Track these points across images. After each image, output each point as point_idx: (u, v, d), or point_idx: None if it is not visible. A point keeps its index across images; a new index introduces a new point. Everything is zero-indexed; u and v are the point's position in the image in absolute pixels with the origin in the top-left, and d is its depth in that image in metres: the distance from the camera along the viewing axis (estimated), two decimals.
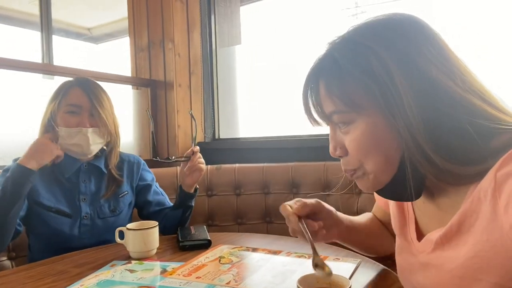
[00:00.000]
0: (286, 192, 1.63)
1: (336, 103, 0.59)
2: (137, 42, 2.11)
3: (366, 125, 0.58)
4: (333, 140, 0.64)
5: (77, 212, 1.19)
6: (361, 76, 0.57)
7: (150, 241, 1.01)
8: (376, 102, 0.56)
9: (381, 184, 0.62)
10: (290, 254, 0.98)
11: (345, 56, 0.59)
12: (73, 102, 1.19)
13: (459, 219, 0.54)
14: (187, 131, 2.06)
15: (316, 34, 1.90)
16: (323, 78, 0.61)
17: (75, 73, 1.74)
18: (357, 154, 0.60)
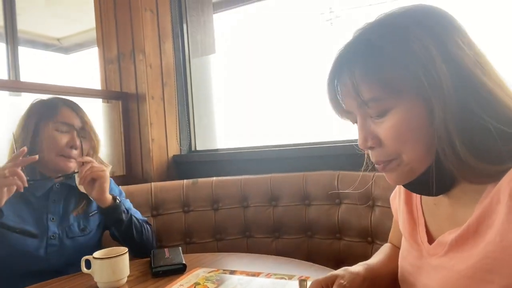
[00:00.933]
0: (265, 205, 1.58)
1: (374, 89, 0.56)
2: (106, 54, 2.04)
3: (405, 112, 0.56)
4: (363, 130, 0.60)
5: (44, 231, 1.14)
6: (404, 58, 0.54)
7: (119, 270, 0.94)
8: (418, 87, 0.54)
9: (414, 174, 0.59)
10: (270, 275, 0.93)
11: (385, 39, 0.56)
12: (65, 121, 1.19)
13: (478, 220, 0.52)
14: (162, 144, 1.99)
15: (291, 40, 1.88)
16: (357, 63, 0.58)
17: (44, 88, 1.66)
18: (395, 142, 0.57)
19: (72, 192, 1.23)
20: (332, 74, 0.61)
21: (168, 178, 1.98)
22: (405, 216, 0.71)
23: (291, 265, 1.03)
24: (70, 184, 1.23)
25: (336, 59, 0.61)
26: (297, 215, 1.53)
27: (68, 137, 1.18)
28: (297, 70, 1.85)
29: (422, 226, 0.66)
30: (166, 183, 1.68)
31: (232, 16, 2.34)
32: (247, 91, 2.03)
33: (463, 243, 0.55)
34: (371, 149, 0.61)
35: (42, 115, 1.19)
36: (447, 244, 0.58)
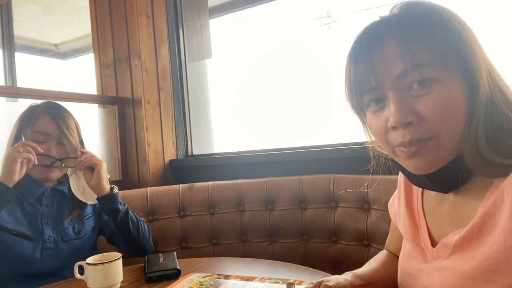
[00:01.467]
0: (261, 209, 1.58)
1: (428, 53, 0.53)
2: (102, 59, 2.04)
3: (451, 87, 0.53)
4: (401, 104, 0.55)
5: (39, 235, 1.15)
6: (450, 34, 0.53)
7: (112, 276, 0.94)
8: (465, 65, 0.53)
9: (445, 160, 0.56)
10: (264, 280, 0.93)
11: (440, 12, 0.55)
12: (41, 130, 1.18)
13: (481, 220, 0.52)
14: (158, 149, 1.99)
15: (288, 45, 1.88)
16: (412, 27, 0.55)
17: (40, 94, 1.66)
18: (439, 118, 0.53)
19: (64, 197, 1.23)
20: (372, 40, 0.57)
21: (164, 182, 1.97)
22: (406, 219, 0.70)
23: (286, 269, 1.03)
24: (61, 190, 1.24)
25: (376, 26, 0.58)
26: (294, 218, 1.52)
27: (44, 147, 1.16)
28: (293, 75, 1.85)
29: (424, 229, 0.66)
30: (162, 188, 1.68)
31: (228, 21, 2.34)
32: (243, 95, 2.04)
33: (467, 244, 0.54)
34: (407, 126, 0.55)
35: (23, 124, 1.19)
36: (451, 245, 0.57)
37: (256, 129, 1.98)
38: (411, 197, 0.72)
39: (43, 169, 1.16)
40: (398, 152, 0.59)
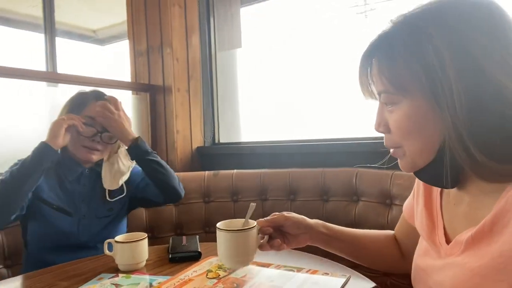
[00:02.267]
0: (283, 199, 1.61)
1: (385, 83, 0.61)
2: (136, 47, 2.11)
3: (409, 108, 0.60)
4: (378, 116, 0.67)
5: (76, 211, 1.25)
6: (411, 60, 0.57)
7: (139, 254, 1.00)
8: (423, 88, 0.57)
9: (417, 166, 0.64)
10: (280, 267, 0.96)
11: (401, 38, 0.59)
12: (90, 114, 1.26)
13: (493, 219, 0.53)
14: (186, 136, 2.06)
15: (321, 34, 1.86)
16: (376, 57, 0.63)
17: (78, 80, 1.75)
18: (397, 134, 0.63)
19: (99, 177, 1.31)
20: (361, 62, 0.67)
21: (191, 168, 2.04)
22: (424, 218, 0.72)
23: (302, 259, 1.05)
24: (97, 171, 1.32)
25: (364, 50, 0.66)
26: (315, 210, 1.55)
27: (91, 130, 1.25)
28: (324, 65, 1.83)
29: (441, 228, 0.67)
30: (188, 174, 1.74)
31: (259, 9, 2.35)
32: (272, 85, 2.05)
33: (479, 242, 0.55)
34: (385, 134, 0.67)
35: (73, 107, 1.28)
36: (463, 242, 0.58)
37: (283, 120, 2.00)
38: (430, 198, 0.74)
39: (86, 150, 1.25)
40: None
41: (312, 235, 0.89)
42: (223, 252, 0.84)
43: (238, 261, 0.86)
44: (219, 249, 0.85)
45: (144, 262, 1.03)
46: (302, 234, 0.88)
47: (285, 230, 0.88)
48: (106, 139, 1.28)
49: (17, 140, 1.62)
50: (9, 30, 3.58)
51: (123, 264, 1.00)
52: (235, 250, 0.83)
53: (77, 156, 1.27)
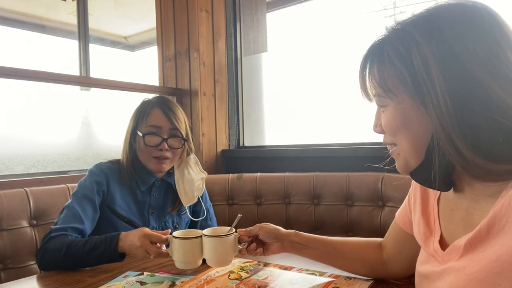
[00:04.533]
0: (307, 203, 1.60)
1: (375, 86, 0.65)
2: (165, 52, 2.17)
3: (395, 109, 0.63)
4: (376, 117, 0.71)
5: (145, 224, 1.25)
6: (398, 63, 0.60)
7: (195, 252, 0.96)
8: (408, 91, 0.60)
9: (410, 167, 0.66)
10: (302, 270, 0.96)
11: (391, 43, 0.62)
12: (154, 123, 1.25)
13: (489, 223, 0.53)
14: (211, 139, 2.09)
15: (347, 39, 1.85)
16: (370, 62, 0.67)
17: (109, 84, 1.82)
18: (388, 133, 0.67)
19: (170, 188, 1.32)
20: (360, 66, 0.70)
21: (216, 171, 2.06)
22: (422, 226, 0.73)
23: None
24: (169, 182, 1.32)
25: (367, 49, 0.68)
26: (339, 214, 1.53)
27: (157, 140, 1.23)
28: (350, 70, 1.81)
29: (437, 235, 0.68)
30: (213, 176, 1.77)
31: (286, 14, 2.36)
32: (297, 89, 2.05)
33: (476, 246, 0.55)
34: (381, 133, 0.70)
35: (138, 119, 1.28)
36: (461, 248, 0.58)
37: (307, 123, 1.99)
38: (427, 206, 0.74)
39: (156, 161, 1.24)
40: None
41: (284, 243, 0.96)
42: (206, 254, 0.96)
43: (218, 261, 0.96)
44: (204, 251, 0.96)
45: (200, 261, 0.99)
46: (275, 243, 0.96)
47: (261, 239, 0.97)
48: (173, 145, 1.26)
49: (52, 142, 1.70)
50: (44, 37, 3.76)
51: (180, 261, 0.96)
52: (215, 252, 0.95)
53: (149, 168, 1.27)
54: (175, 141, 1.27)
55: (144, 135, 1.24)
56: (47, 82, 1.62)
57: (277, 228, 0.99)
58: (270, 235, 0.96)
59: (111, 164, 1.29)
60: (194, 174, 1.35)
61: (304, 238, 0.97)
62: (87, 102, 1.92)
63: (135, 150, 1.28)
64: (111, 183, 1.23)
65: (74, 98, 1.82)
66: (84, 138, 1.82)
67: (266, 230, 0.97)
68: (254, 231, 0.98)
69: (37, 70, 1.54)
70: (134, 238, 0.99)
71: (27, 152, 1.59)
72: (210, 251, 0.95)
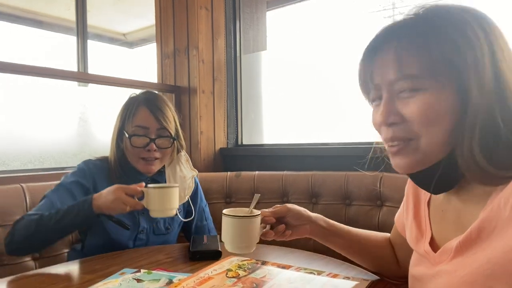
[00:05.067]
0: (305, 202, 1.60)
1: (417, 66, 0.57)
2: (164, 49, 2.16)
3: (437, 96, 0.56)
4: (388, 105, 0.60)
5: (135, 225, 1.23)
6: (460, 44, 0.54)
7: (171, 200, 1.02)
8: (461, 78, 0.54)
9: (424, 164, 0.60)
10: (300, 269, 0.96)
11: (446, 20, 0.57)
12: (141, 124, 1.21)
13: (479, 226, 0.53)
14: (210, 137, 2.08)
15: (346, 38, 1.84)
16: (410, 37, 0.58)
17: (107, 80, 1.81)
18: (419, 121, 0.57)
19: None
20: (375, 44, 0.62)
21: (214, 169, 2.06)
22: (414, 229, 0.73)
23: (322, 262, 1.04)
24: (160, 182, 1.28)
25: (384, 30, 0.62)
26: (337, 214, 1.52)
27: (144, 141, 1.19)
28: (350, 69, 1.81)
29: (428, 237, 0.68)
30: (211, 174, 1.76)
31: (285, 13, 2.35)
32: (296, 88, 2.05)
33: (467, 249, 0.55)
34: (391, 126, 0.61)
35: (125, 116, 1.23)
36: (452, 250, 0.58)
37: (306, 122, 1.99)
38: (419, 209, 0.74)
39: (144, 162, 1.21)
40: (387, 149, 0.65)
41: (311, 227, 0.91)
42: (227, 237, 0.86)
43: (241, 246, 0.86)
44: (224, 234, 0.86)
45: (175, 210, 1.05)
46: (303, 225, 0.90)
47: (287, 221, 0.90)
48: (161, 145, 1.22)
49: (49, 138, 1.68)
50: (42, 32, 3.73)
51: (155, 209, 1.03)
52: (239, 236, 0.85)
53: (138, 169, 1.23)
54: (164, 141, 1.23)
55: (130, 136, 1.20)
56: (44, 77, 1.61)
57: (305, 210, 0.92)
58: (299, 217, 0.90)
59: (100, 162, 1.26)
60: (186, 171, 1.33)
61: (331, 225, 0.93)
62: (84, 98, 1.91)
63: (122, 150, 1.24)
64: (99, 181, 1.20)
65: (72, 94, 1.80)
66: (82, 135, 1.81)
67: (295, 211, 0.90)
68: (282, 211, 0.90)
69: (34, 65, 1.53)
70: (108, 193, 1.04)
71: (24, 148, 1.58)
72: (233, 235, 0.84)
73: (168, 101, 1.29)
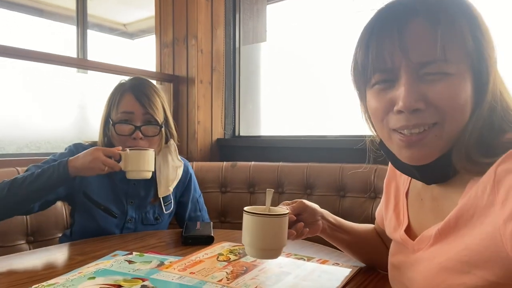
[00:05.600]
0: (300, 193, 1.61)
1: (450, 48, 0.52)
2: (163, 38, 2.16)
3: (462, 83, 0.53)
4: (412, 89, 0.54)
5: (123, 214, 1.22)
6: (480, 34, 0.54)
7: (147, 162, 1.11)
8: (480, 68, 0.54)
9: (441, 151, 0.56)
10: (290, 255, 0.96)
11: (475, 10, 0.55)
12: (126, 110, 1.18)
13: (457, 214, 0.53)
14: (207, 127, 2.08)
15: (344, 32, 1.85)
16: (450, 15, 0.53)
17: (106, 67, 1.81)
18: (445, 105, 0.53)
19: (151, 179, 1.22)
20: (400, 16, 0.55)
21: (210, 159, 2.06)
22: (393, 220, 0.73)
23: (313, 249, 1.05)
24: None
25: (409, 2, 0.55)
26: (331, 205, 1.53)
27: (129, 128, 1.17)
28: (346, 62, 1.81)
29: (404, 224, 0.68)
30: (207, 164, 1.77)
31: (286, 5, 2.34)
32: (294, 80, 2.05)
33: (446, 236, 0.56)
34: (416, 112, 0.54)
35: (111, 103, 1.21)
36: (431, 237, 0.58)
37: (303, 114, 1.99)
38: (398, 200, 0.75)
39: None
40: (394, 138, 0.59)
41: (323, 223, 0.86)
42: (253, 241, 0.70)
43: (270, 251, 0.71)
44: (249, 237, 0.70)
45: (150, 173, 1.12)
46: (316, 222, 0.84)
47: (302, 219, 0.81)
48: (147, 133, 1.19)
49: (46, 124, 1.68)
50: (42, 21, 3.72)
51: (132, 170, 1.10)
52: (270, 238, 0.69)
53: None
54: (150, 128, 1.19)
55: (114, 123, 1.17)
56: (43, 62, 1.61)
57: (317, 206, 0.86)
58: (315, 213, 0.83)
59: (91, 147, 1.22)
60: (177, 161, 1.30)
61: (338, 220, 0.89)
62: (83, 85, 1.91)
63: (109, 137, 1.22)
64: None
65: (71, 81, 1.80)
66: (79, 121, 1.81)
67: (311, 208, 0.83)
68: (300, 207, 0.81)
69: (33, 50, 1.53)
70: (86, 154, 1.06)
71: (20, 133, 1.58)
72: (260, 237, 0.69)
73: (157, 88, 1.26)
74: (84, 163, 1.05)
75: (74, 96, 1.81)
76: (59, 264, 0.90)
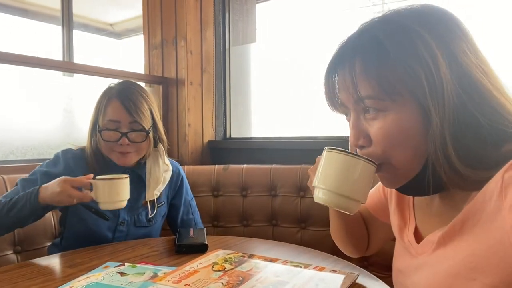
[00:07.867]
0: (293, 195, 1.59)
1: (373, 87, 0.55)
2: (151, 39, 2.12)
3: (398, 115, 0.55)
4: (355, 128, 0.60)
5: (115, 216, 1.21)
6: (408, 60, 0.53)
7: (119, 192, 1.03)
8: (417, 92, 0.53)
9: (405, 179, 0.59)
10: (287, 263, 0.95)
11: (391, 37, 0.55)
12: (112, 118, 1.16)
13: (462, 218, 0.53)
14: (198, 130, 2.05)
15: (335, 33, 1.84)
16: (361, 57, 0.57)
17: (94, 70, 1.77)
18: (383, 145, 0.56)
19: (141, 180, 1.25)
20: (333, 65, 0.62)
21: (202, 162, 2.04)
22: (396, 217, 0.73)
23: (310, 255, 1.04)
24: (139, 174, 1.26)
25: (338, 51, 0.61)
26: (325, 207, 1.51)
27: (116, 135, 1.15)
28: None
29: (411, 227, 0.68)
30: (198, 167, 1.74)
31: (275, 5, 2.33)
32: (285, 81, 2.03)
33: (450, 241, 0.55)
34: (361, 148, 0.60)
35: (98, 112, 1.19)
36: (435, 242, 0.58)
37: (295, 116, 1.98)
38: (402, 197, 0.74)
39: (119, 155, 1.18)
40: None
41: None
42: (341, 186, 0.60)
43: (353, 203, 0.61)
44: (335, 181, 0.61)
45: (125, 202, 1.06)
46: None
47: None
48: (134, 139, 1.17)
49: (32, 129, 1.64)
50: (26, 21, 3.63)
51: (104, 202, 1.03)
52: (360, 187, 0.60)
53: (115, 162, 1.20)
54: (137, 134, 1.17)
55: (101, 130, 1.16)
56: (28, 66, 1.56)
57: None
58: None
59: (80, 152, 1.23)
60: (164, 165, 1.29)
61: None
62: (69, 88, 1.86)
63: (97, 142, 1.20)
64: (77, 172, 1.14)
65: (57, 84, 1.75)
66: (66, 126, 1.77)
67: None
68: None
69: (18, 54, 1.48)
70: (54, 185, 1.02)
71: (5, 139, 1.53)
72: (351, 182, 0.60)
73: (144, 92, 1.23)
74: (53, 194, 1.02)
75: (60, 99, 1.76)
76: (49, 278, 0.87)
